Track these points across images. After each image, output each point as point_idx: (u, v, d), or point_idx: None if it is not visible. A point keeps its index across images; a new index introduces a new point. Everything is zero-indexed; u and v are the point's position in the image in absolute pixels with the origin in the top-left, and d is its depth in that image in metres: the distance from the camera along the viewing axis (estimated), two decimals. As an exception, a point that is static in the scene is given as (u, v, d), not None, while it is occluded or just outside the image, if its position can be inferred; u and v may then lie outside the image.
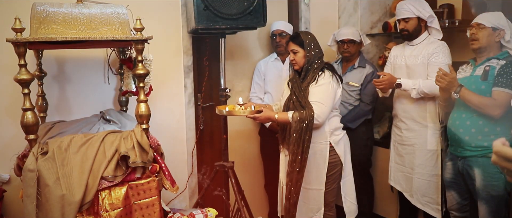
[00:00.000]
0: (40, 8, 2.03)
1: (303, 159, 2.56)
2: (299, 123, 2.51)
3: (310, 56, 2.63)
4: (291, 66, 2.73)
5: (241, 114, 2.58)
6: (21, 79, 1.95)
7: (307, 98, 2.57)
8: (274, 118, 2.56)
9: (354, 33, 3.29)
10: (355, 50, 3.31)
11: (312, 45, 2.64)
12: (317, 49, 2.65)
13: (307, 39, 2.64)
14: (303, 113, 2.52)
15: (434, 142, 2.91)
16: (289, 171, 2.61)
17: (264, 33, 3.57)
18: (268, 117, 2.56)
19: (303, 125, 2.51)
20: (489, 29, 2.46)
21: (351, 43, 3.27)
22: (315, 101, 2.56)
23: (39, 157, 2.02)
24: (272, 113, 2.57)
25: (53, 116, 2.67)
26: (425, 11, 2.86)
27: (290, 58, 2.69)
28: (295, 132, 2.52)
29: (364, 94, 3.28)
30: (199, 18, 2.62)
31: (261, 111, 2.56)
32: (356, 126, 3.28)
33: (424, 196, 2.95)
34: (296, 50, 2.65)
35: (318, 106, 2.54)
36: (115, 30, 2.14)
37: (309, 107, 2.53)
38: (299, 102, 2.58)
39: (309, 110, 2.52)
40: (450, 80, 2.45)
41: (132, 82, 2.64)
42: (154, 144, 2.28)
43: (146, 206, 2.20)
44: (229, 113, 2.62)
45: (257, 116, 2.54)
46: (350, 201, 2.82)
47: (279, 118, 2.56)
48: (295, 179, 2.58)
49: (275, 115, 2.56)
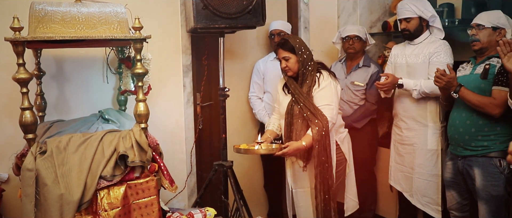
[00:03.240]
0: (39, 7, 2.02)
1: (330, 162, 2.53)
2: (320, 134, 2.46)
3: (303, 59, 2.58)
4: (284, 73, 2.66)
5: (267, 152, 2.57)
6: (19, 78, 1.95)
7: (314, 105, 2.54)
8: (302, 146, 2.48)
9: (360, 30, 3.29)
10: (360, 47, 3.30)
11: (303, 48, 2.59)
12: (307, 51, 2.61)
13: (297, 44, 2.58)
14: (319, 123, 2.48)
15: (435, 141, 2.90)
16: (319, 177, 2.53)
17: (263, 33, 3.56)
18: (296, 148, 2.48)
19: (323, 133, 2.48)
20: (489, 29, 2.46)
21: (357, 39, 3.26)
22: (325, 105, 2.54)
23: (37, 156, 2.01)
24: (298, 143, 2.49)
25: (51, 115, 2.67)
26: (427, 11, 2.84)
27: (282, 66, 2.63)
28: (318, 143, 2.47)
29: (369, 94, 3.26)
30: (198, 17, 2.61)
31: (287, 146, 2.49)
32: (362, 126, 3.28)
33: (424, 196, 2.94)
34: (288, 57, 2.59)
35: (328, 110, 2.53)
36: (114, 29, 2.13)
37: (321, 114, 2.50)
38: (309, 111, 2.52)
39: (322, 116, 2.49)
40: (449, 80, 2.44)
41: (130, 82, 2.64)
42: (153, 143, 2.28)
43: (144, 206, 2.20)
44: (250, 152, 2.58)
45: (285, 151, 2.48)
46: (350, 197, 2.84)
47: (307, 144, 2.48)
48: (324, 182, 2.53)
49: (302, 142, 2.49)
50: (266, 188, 3.69)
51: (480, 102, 2.38)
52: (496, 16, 2.47)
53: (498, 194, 2.41)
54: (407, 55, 2.96)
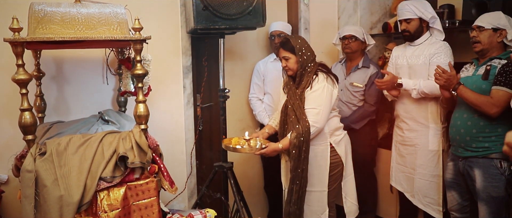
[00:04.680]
0: (38, 7, 2.02)
1: (306, 166, 2.56)
2: (298, 139, 2.51)
3: (302, 60, 2.59)
4: (285, 72, 2.71)
5: (247, 151, 2.63)
6: (18, 79, 1.94)
7: (302, 108, 2.56)
8: (279, 148, 2.57)
9: (357, 30, 3.28)
10: (357, 47, 3.29)
11: (304, 49, 2.60)
12: (308, 52, 2.61)
13: (298, 44, 2.59)
14: (299, 128, 2.51)
15: (436, 142, 2.89)
16: (293, 176, 2.59)
17: (263, 34, 3.56)
18: (273, 149, 2.56)
19: (301, 139, 2.51)
20: (490, 31, 2.46)
21: (353, 39, 3.26)
22: (311, 108, 2.55)
23: (37, 157, 2.01)
24: (276, 145, 2.57)
25: (51, 116, 2.66)
26: (427, 12, 2.84)
27: (282, 65, 2.66)
28: (294, 148, 2.52)
29: (368, 95, 3.26)
30: (198, 18, 2.61)
31: (266, 146, 2.57)
32: (360, 127, 3.27)
33: (425, 196, 2.94)
34: (288, 57, 2.61)
35: (313, 113, 2.54)
36: (114, 30, 2.13)
37: (303, 119, 2.53)
38: (294, 113, 2.57)
39: (304, 122, 2.52)
40: (449, 77, 2.44)
41: (130, 83, 2.64)
42: (153, 145, 2.27)
43: (144, 207, 2.19)
44: (235, 150, 2.62)
45: (263, 152, 2.55)
46: (351, 201, 2.82)
47: (283, 146, 2.56)
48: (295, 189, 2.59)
49: (279, 145, 2.57)
50: (266, 189, 3.68)
51: (477, 101, 2.38)
52: (497, 17, 2.47)
53: (498, 195, 2.40)
54: (408, 56, 2.96)
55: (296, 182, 2.57)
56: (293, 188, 2.59)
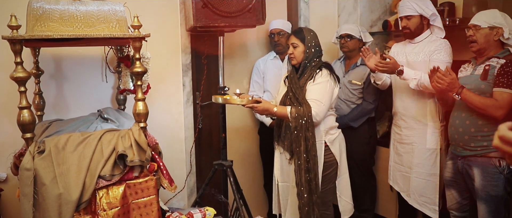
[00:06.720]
0: (37, 5, 2.01)
1: (312, 157, 2.52)
2: (298, 119, 2.48)
3: (309, 52, 2.62)
4: (289, 61, 2.71)
5: (238, 102, 2.53)
6: (17, 77, 1.94)
7: (304, 96, 2.56)
8: (272, 110, 2.53)
9: (353, 28, 3.28)
10: (353, 46, 3.29)
11: (313, 42, 2.63)
12: (317, 47, 2.65)
13: (309, 36, 2.63)
14: (301, 109, 2.50)
15: (434, 140, 2.88)
16: (296, 169, 2.56)
17: (263, 32, 3.55)
18: (266, 108, 2.53)
19: (302, 121, 2.48)
20: (486, 29, 2.44)
21: (349, 38, 3.25)
22: (313, 99, 2.54)
23: (36, 155, 2.00)
24: (271, 105, 2.55)
25: (50, 115, 2.66)
26: (428, 9, 2.83)
27: (289, 51, 2.67)
28: (295, 129, 2.50)
29: (367, 92, 3.25)
30: (197, 16, 2.60)
31: (260, 101, 2.54)
32: (359, 125, 3.27)
33: (421, 195, 2.92)
34: (296, 44, 2.63)
35: (315, 104, 2.53)
36: (113, 27, 2.12)
37: (307, 104, 2.52)
38: (296, 99, 2.57)
39: (307, 106, 2.51)
40: (450, 81, 2.40)
41: (130, 81, 2.63)
42: (152, 143, 2.27)
43: (144, 205, 2.19)
44: (225, 101, 2.58)
45: (256, 105, 2.51)
46: (345, 200, 2.81)
47: (278, 111, 2.53)
48: (305, 179, 2.54)
49: (274, 107, 2.54)
50: (266, 187, 3.68)
51: (483, 104, 2.35)
52: (492, 15, 2.45)
53: (497, 194, 2.39)
54: (407, 53, 2.95)
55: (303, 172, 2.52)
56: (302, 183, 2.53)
